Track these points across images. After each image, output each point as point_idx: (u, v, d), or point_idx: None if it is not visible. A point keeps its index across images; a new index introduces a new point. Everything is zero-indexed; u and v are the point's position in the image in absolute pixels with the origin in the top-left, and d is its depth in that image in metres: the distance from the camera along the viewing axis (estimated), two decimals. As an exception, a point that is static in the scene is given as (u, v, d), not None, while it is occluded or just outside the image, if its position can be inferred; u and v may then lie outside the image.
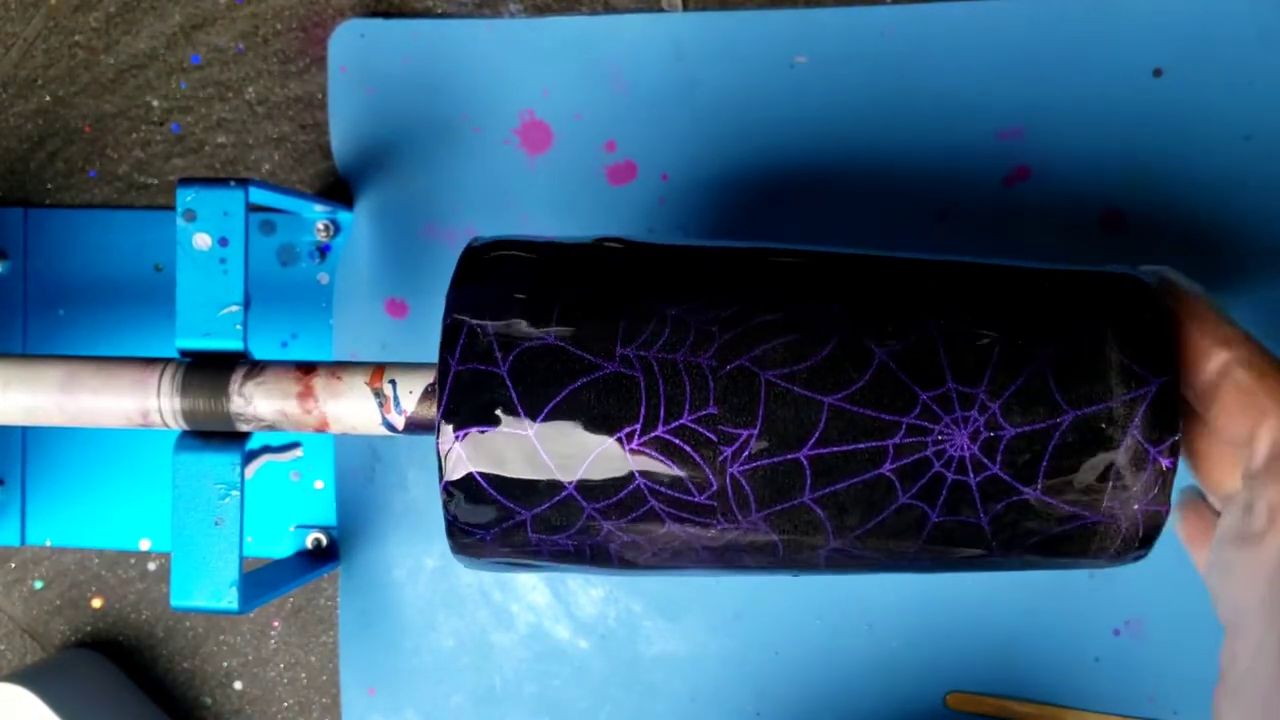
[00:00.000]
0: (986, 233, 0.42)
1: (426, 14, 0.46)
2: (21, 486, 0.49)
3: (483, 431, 0.30)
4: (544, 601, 0.45)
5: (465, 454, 0.30)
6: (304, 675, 0.48)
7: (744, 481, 0.29)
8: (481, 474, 0.30)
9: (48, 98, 0.48)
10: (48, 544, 0.49)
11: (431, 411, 0.33)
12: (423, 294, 0.46)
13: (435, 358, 0.31)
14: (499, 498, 0.30)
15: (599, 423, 0.29)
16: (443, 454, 0.30)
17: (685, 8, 0.44)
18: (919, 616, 0.43)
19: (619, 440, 0.29)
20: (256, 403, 0.34)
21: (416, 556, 0.46)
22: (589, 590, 0.45)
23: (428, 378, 0.34)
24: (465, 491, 0.30)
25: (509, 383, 0.30)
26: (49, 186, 0.49)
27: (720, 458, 0.29)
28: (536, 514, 0.31)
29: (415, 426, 0.34)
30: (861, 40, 0.43)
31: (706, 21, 0.44)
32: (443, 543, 0.45)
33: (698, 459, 0.29)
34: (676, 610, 0.45)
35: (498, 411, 0.30)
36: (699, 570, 0.32)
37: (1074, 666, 0.42)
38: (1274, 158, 0.41)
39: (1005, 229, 0.42)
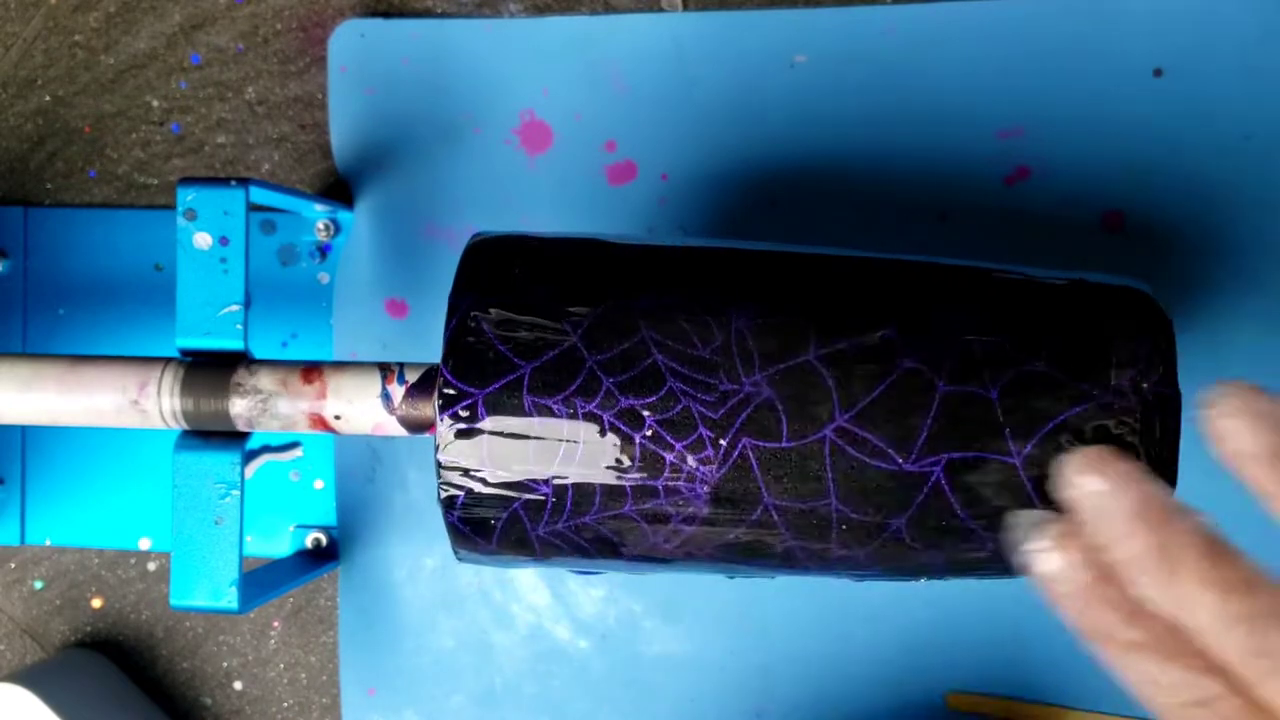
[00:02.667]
0: (987, 233, 0.42)
1: (426, 14, 0.46)
2: (21, 486, 0.49)
3: (483, 429, 0.30)
4: (544, 602, 0.45)
5: (466, 451, 0.30)
6: (304, 675, 0.48)
7: (748, 337, 0.29)
8: (482, 471, 0.30)
9: (47, 98, 0.48)
10: (47, 543, 0.49)
11: (432, 411, 0.33)
12: (423, 294, 0.46)
13: (436, 357, 0.31)
14: (500, 494, 0.30)
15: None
16: (444, 452, 0.30)
17: (685, 8, 0.44)
18: (919, 616, 0.43)
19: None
20: (256, 402, 0.34)
21: (416, 556, 0.46)
22: (589, 590, 0.45)
23: (430, 376, 0.34)
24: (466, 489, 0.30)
25: (512, 379, 0.30)
26: (49, 186, 0.48)
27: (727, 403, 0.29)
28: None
29: (416, 426, 0.34)
30: (861, 40, 0.43)
31: (706, 21, 0.44)
32: (443, 543, 0.45)
33: (706, 435, 0.29)
34: (676, 610, 0.45)
35: (499, 408, 0.30)
36: (702, 560, 0.32)
37: (1074, 666, 0.42)
38: (1274, 158, 0.41)
39: (1005, 229, 0.42)
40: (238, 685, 0.48)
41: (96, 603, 0.49)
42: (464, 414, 0.30)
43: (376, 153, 0.46)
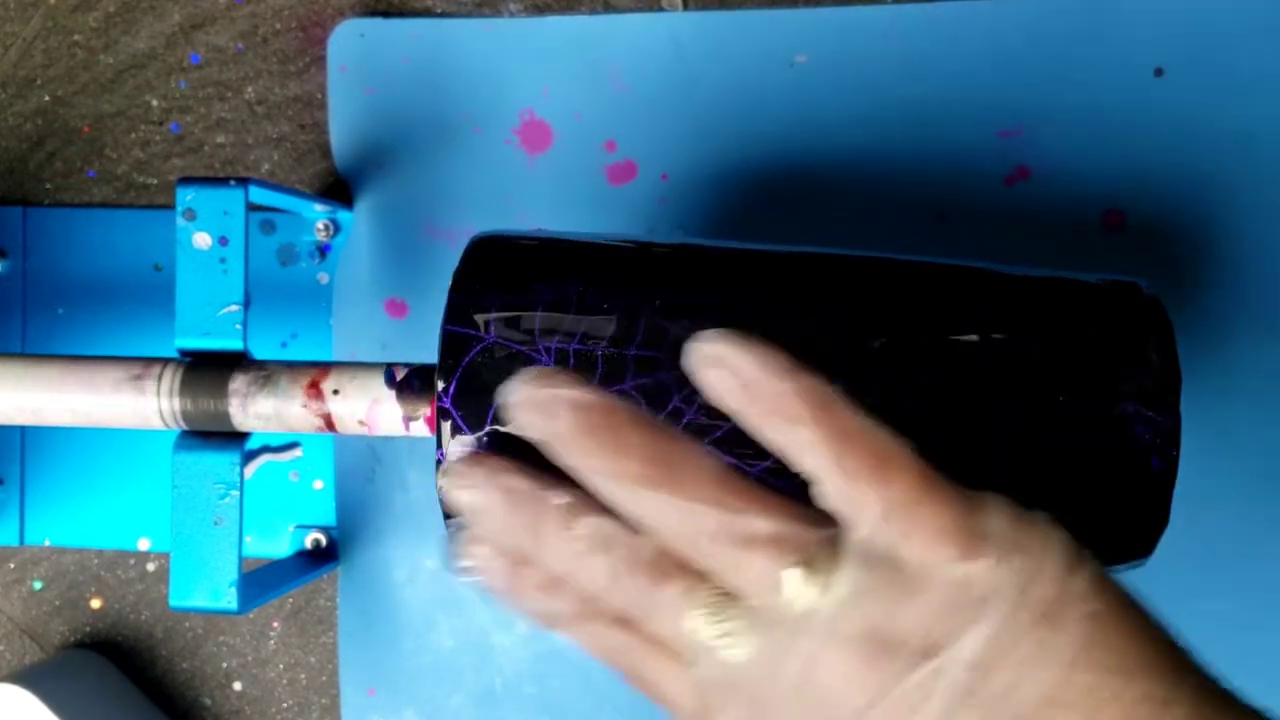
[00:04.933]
0: (986, 233, 0.42)
1: (426, 14, 0.46)
2: (20, 486, 0.48)
3: (484, 427, 0.30)
4: (544, 602, 0.45)
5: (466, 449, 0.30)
6: (304, 675, 0.48)
7: None
8: None
9: (47, 97, 0.48)
10: (46, 544, 0.49)
11: (432, 411, 0.33)
12: (423, 294, 0.46)
13: (435, 357, 0.31)
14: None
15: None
16: (444, 452, 0.30)
17: (685, 7, 0.44)
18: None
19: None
20: (256, 402, 0.34)
21: (416, 557, 0.46)
22: (589, 590, 0.45)
23: (429, 376, 0.34)
24: None
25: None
26: (48, 186, 0.48)
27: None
28: None
29: (417, 426, 0.34)
30: (861, 40, 0.43)
31: (706, 21, 0.44)
32: (443, 543, 0.45)
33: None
34: (676, 610, 0.44)
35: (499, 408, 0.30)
36: None
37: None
38: (1274, 158, 0.41)
39: (1005, 229, 0.42)
40: (237, 685, 0.48)
41: (96, 603, 0.49)
42: (466, 411, 0.30)
43: (376, 152, 0.46)
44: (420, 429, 0.34)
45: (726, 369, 0.24)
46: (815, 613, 0.23)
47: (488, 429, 0.29)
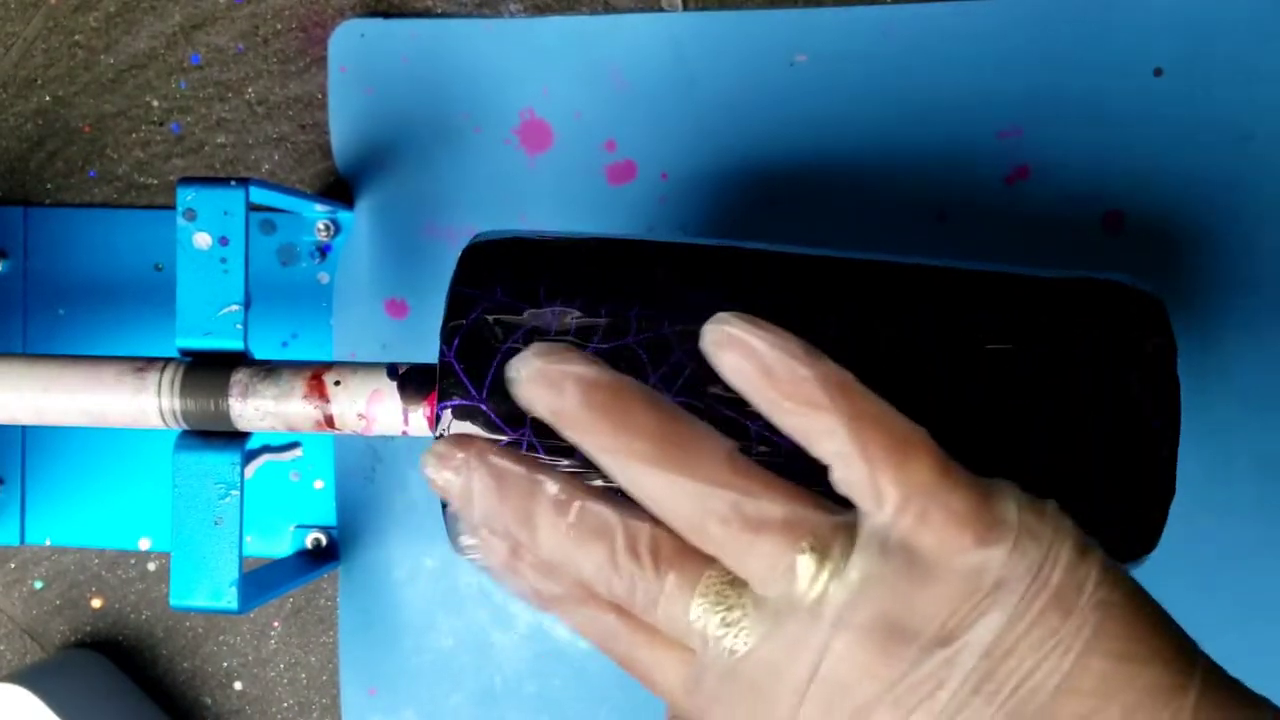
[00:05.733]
0: (986, 233, 0.42)
1: (426, 14, 0.46)
2: (21, 486, 0.48)
3: (485, 428, 0.30)
4: (544, 601, 0.45)
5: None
6: (304, 675, 0.48)
7: None
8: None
9: (47, 98, 0.48)
10: (47, 543, 0.49)
11: (432, 410, 0.33)
12: (423, 294, 0.46)
13: (435, 357, 0.31)
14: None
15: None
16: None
17: (685, 7, 0.44)
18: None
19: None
20: (256, 402, 0.34)
21: (416, 556, 0.46)
22: (589, 590, 0.45)
23: (429, 376, 0.34)
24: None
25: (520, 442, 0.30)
26: (49, 186, 0.48)
27: None
28: None
29: (419, 429, 0.34)
30: (861, 40, 0.43)
31: (706, 21, 0.44)
32: (443, 543, 0.45)
33: None
34: (676, 610, 0.44)
35: (499, 407, 0.30)
36: None
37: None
38: (1274, 158, 0.41)
39: (1005, 229, 0.42)
40: (238, 685, 0.48)
41: (96, 603, 0.49)
42: (466, 410, 0.30)
43: (376, 152, 0.46)
44: (420, 428, 0.34)
45: (743, 352, 0.24)
46: (826, 600, 0.23)
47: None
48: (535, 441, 0.30)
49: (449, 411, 0.30)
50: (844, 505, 0.24)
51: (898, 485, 0.23)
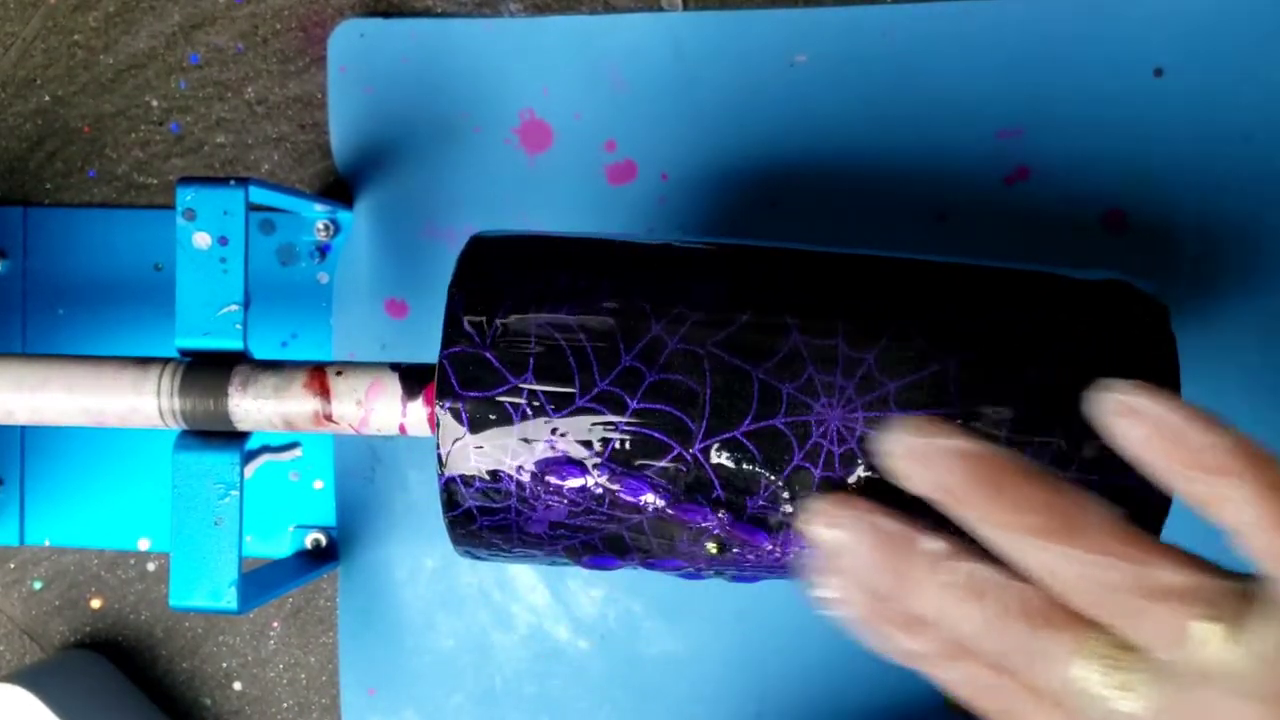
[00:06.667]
0: (986, 233, 0.42)
1: (426, 13, 0.46)
2: (20, 486, 0.48)
3: (484, 426, 0.30)
4: (544, 602, 0.45)
5: (467, 450, 0.30)
6: (304, 675, 0.48)
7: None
8: (482, 467, 0.30)
9: (47, 97, 0.48)
10: (47, 544, 0.49)
11: (432, 410, 0.33)
12: (423, 294, 0.46)
13: (436, 357, 0.31)
14: (501, 490, 0.30)
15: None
16: (443, 449, 0.30)
17: (685, 7, 0.44)
18: (919, 616, 0.43)
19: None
20: (256, 402, 0.34)
21: (416, 556, 0.46)
22: (589, 590, 0.45)
23: (429, 375, 0.34)
24: (466, 485, 0.30)
25: (512, 375, 0.30)
26: (48, 186, 0.48)
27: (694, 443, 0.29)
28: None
29: (417, 426, 0.34)
30: (861, 40, 0.43)
31: (706, 21, 0.44)
32: (443, 543, 0.45)
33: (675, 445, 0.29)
34: (676, 610, 0.44)
35: (500, 449, 0.30)
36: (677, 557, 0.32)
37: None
38: (1274, 158, 0.41)
39: (1005, 229, 0.42)
40: (237, 685, 0.48)
41: (96, 603, 0.49)
42: (466, 409, 0.30)
43: (376, 152, 0.46)
44: (419, 422, 0.34)
45: (1150, 419, 0.24)
46: (1226, 668, 0.22)
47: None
48: (534, 405, 0.30)
49: (447, 411, 0.30)
50: (1244, 576, 0.24)
51: None
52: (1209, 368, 0.41)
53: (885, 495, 0.27)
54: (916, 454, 0.25)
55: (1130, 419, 0.24)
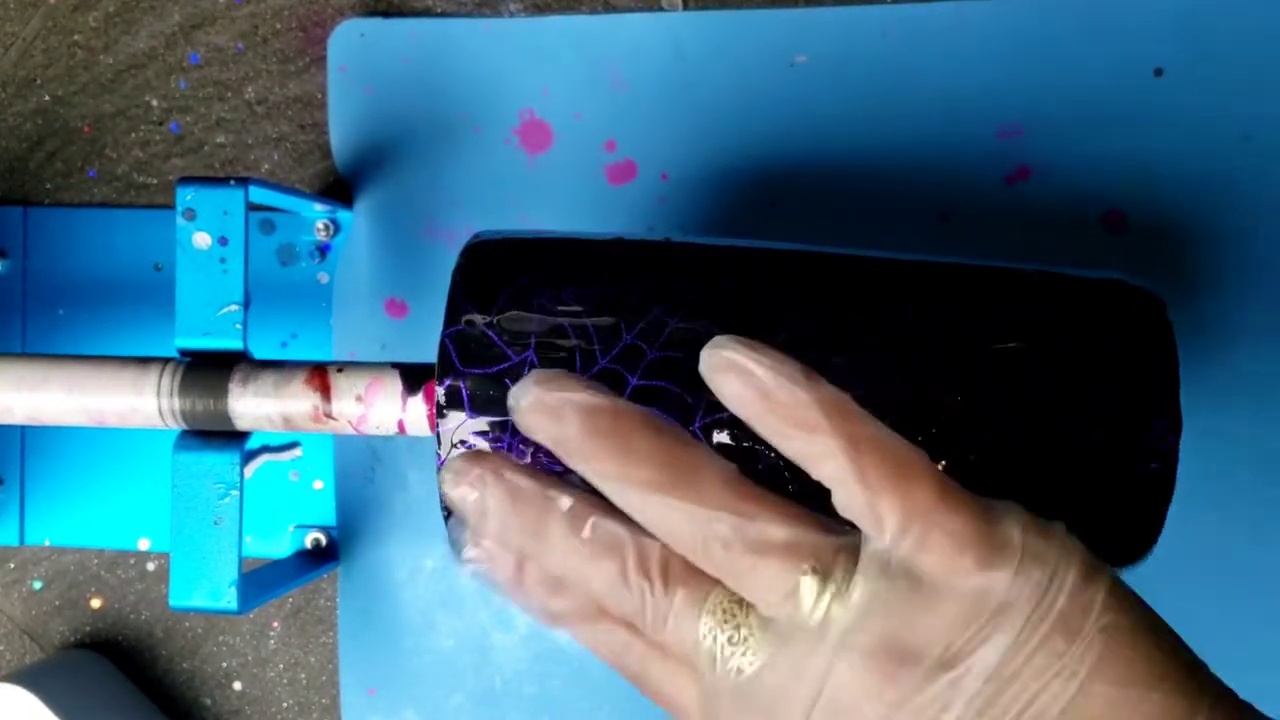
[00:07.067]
0: (987, 233, 0.42)
1: (426, 13, 0.46)
2: (20, 486, 0.48)
3: (485, 425, 0.30)
4: (544, 602, 0.45)
5: (465, 426, 0.30)
6: (304, 675, 0.48)
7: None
8: (483, 447, 0.30)
9: (47, 97, 0.48)
10: (47, 544, 0.49)
11: (432, 410, 0.33)
12: (422, 294, 0.46)
13: (435, 358, 0.31)
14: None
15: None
16: (443, 448, 0.30)
17: (685, 7, 0.44)
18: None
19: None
20: (256, 401, 0.34)
21: (416, 557, 0.46)
22: (589, 590, 0.45)
23: (429, 373, 0.34)
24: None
25: (513, 353, 0.30)
26: (48, 186, 0.48)
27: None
28: None
29: (417, 426, 0.34)
30: (861, 40, 0.43)
31: (706, 21, 0.44)
32: (443, 543, 0.45)
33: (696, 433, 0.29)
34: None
35: (500, 425, 0.30)
36: None
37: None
38: (1274, 158, 0.41)
39: (1006, 229, 0.42)
40: (237, 685, 0.48)
41: (96, 603, 0.49)
42: (466, 408, 0.30)
43: (376, 152, 0.46)
44: (418, 418, 0.34)
45: (742, 377, 0.24)
46: (830, 622, 0.23)
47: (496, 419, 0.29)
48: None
49: (447, 391, 0.30)
50: (848, 526, 0.24)
51: (897, 509, 0.23)
52: (1208, 368, 0.41)
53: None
54: (537, 406, 0.25)
55: (728, 376, 0.24)
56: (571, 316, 0.30)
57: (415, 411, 0.33)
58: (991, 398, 0.29)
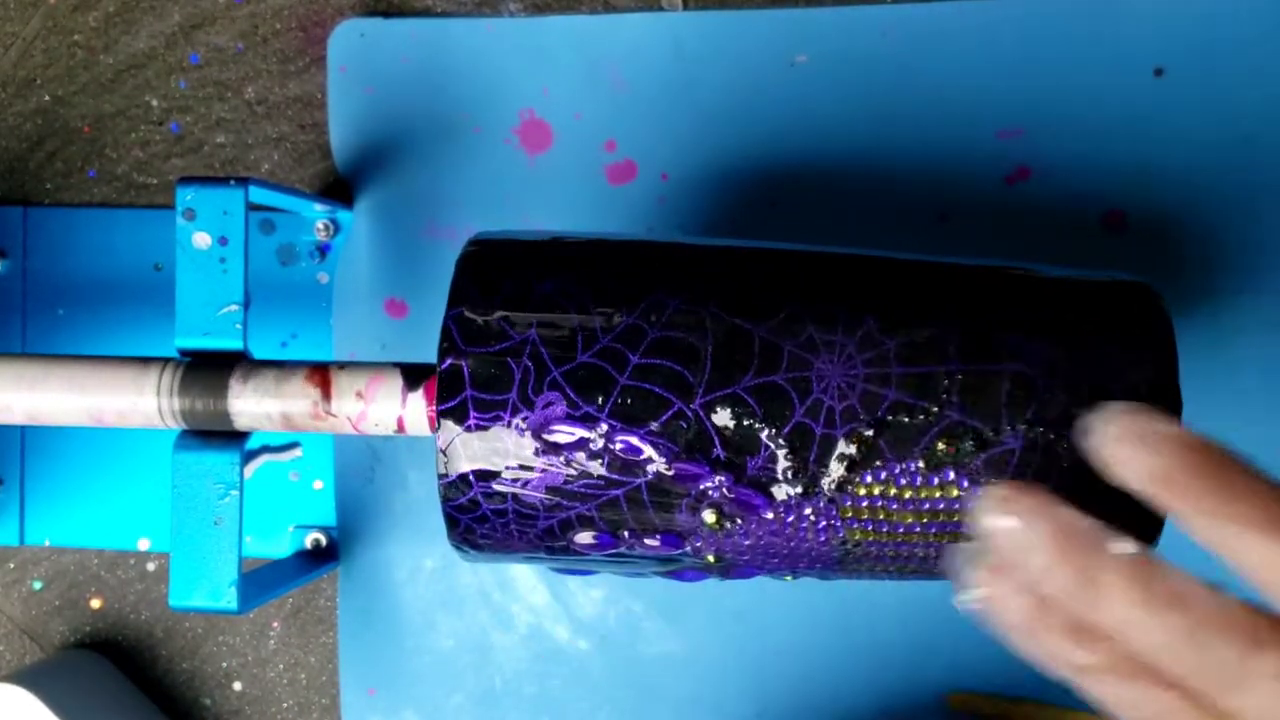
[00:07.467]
0: (987, 233, 0.42)
1: (426, 13, 0.46)
2: (20, 486, 0.48)
3: (485, 425, 0.30)
4: (544, 602, 0.45)
5: (466, 447, 0.30)
6: (304, 676, 0.48)
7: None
8: (482, 467, 0.30)
9: (47, 97, 0.48)
10: (46, 544, 0.49)
11: (433, 410, 0.33)
12: (422, 294, 0.46)
13: (435, 357, 0.31)
14: (501, 491, 0.30)
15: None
16: (443, 448, 0.30)
17: (685, 7, 0.44)
18: (920, 617, 0.43)
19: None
20: (255, 402, 0.34)
21: (416, 557, 0.46)
22: (589, 591, 0.45)
23: (429, 372, 0.34)
24: (466, 485, 0.30)
25: (515, 332, 0.30)
26: (48, 186, 0.48)
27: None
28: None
29: (417, 426, 0.34)
30: (861, 40, 0.43)
31: (706, 21, 0.44)
32: (443, 543, 0.45)
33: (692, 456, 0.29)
34: (676, 610, 0.44)
35: (500, 404, 0.30)
36: (674, 552, 0.32)
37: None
38: (1274, 158, 0.41)
39: (1006, 229, 0.42)
40: (237, 685, 0.48)
41: (96, 603, 0.49)
42: (465, 409, 0.30)
43: (376, 152, 0.46)
44: (418, 416, 0.34)
45: (1144, 450, 0.22)
46: None
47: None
48: (518, 422, 0.30)
49: (449, 370, 0.30)
50: None
51: None
52: (1208, 368, 0.41)
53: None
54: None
55: (1128, 448, 0.23)
56: (574, 299, 0.30)
57: (415, 409, 0.33)
58: (992, 396, 0.29)
